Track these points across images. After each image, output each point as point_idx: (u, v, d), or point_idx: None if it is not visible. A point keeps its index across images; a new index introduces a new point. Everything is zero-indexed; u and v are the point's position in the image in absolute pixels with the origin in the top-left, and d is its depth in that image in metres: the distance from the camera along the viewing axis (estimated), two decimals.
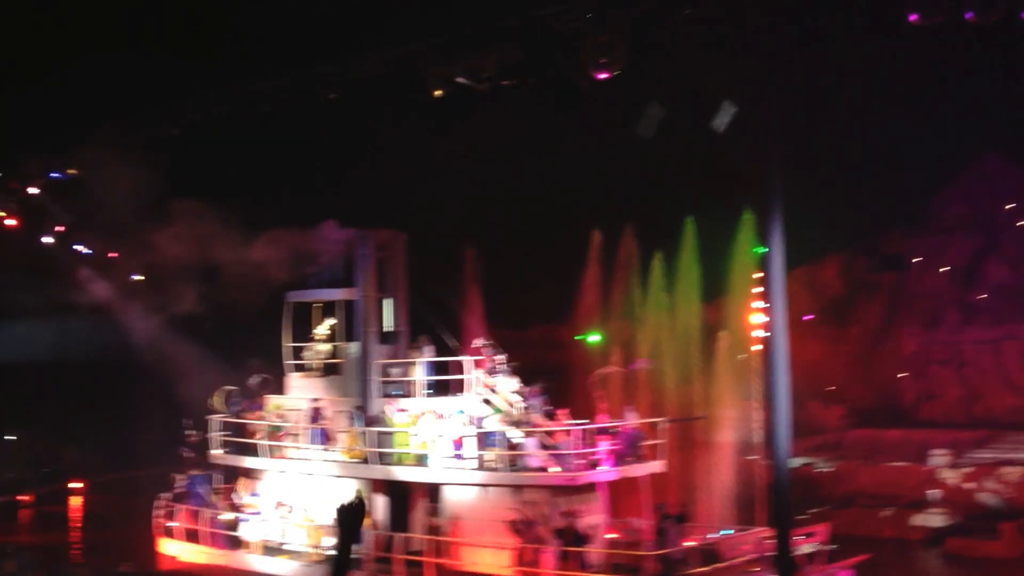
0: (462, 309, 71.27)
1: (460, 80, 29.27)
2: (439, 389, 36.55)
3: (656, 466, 34.05)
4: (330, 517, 34.23)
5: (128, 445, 71.46)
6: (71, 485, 70.78)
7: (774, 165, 30.82)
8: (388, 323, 39.12)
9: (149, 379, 65.06)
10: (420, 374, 36.76)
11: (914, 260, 65.85)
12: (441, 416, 34.75)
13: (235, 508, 38.88)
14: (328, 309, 39.19)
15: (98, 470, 75.00)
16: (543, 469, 32.49)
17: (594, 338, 61.19)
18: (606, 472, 32.77)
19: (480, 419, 34.37)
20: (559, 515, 31.72)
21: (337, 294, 38.46)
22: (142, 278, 48.69)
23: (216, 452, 40.28)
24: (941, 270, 64.52)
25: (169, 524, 40.02)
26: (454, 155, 66.54)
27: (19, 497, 67.92)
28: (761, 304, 47.97)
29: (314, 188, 65.91)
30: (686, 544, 31.27)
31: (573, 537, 31.19)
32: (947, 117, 58.21)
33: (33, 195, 41.24)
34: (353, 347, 37.78)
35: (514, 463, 32.87)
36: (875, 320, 67.69)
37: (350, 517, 32.57)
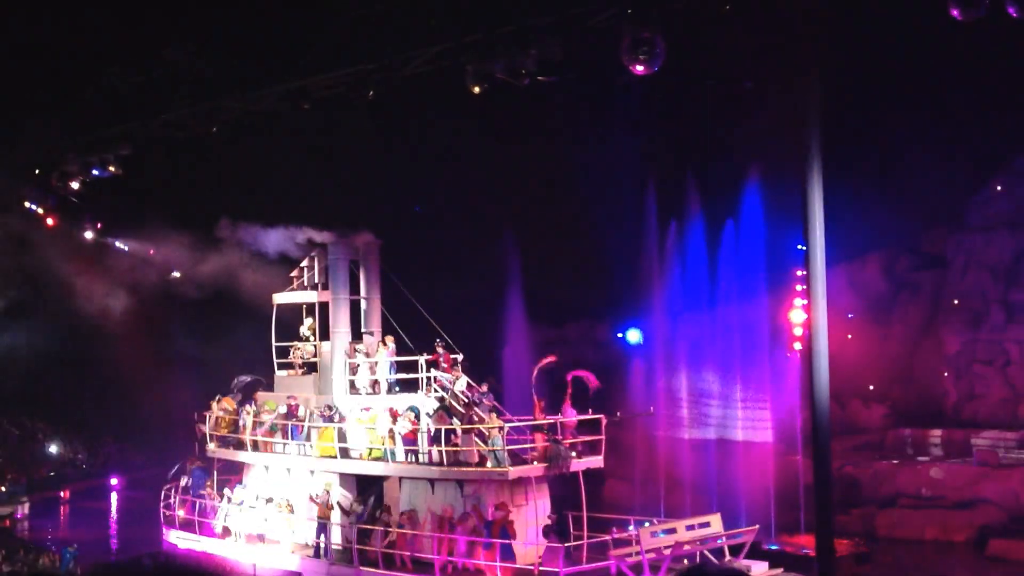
0: (498, 307, 71.73)
1: (499, 76, 29.14)
2: (406, 387, 37.96)
3: (594, 462, 35.14)
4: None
5: (164, 442, 71.84)
6: (109, 481, 71.26)
7: (815, 162, 30.57)
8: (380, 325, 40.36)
9: (183, 376, 65.48)
10: (384, 373, 38.14)
11: (955, 258, 65.37)
12: (396, 413, 35.91)
13: (227, 500, 40.28)
14: (311, 311, 40.51)
15: (135, 467, 75.41)
16: (483, 464, 33.69)
17: (634, 335, 61.12)
18: (536, 468, 33.67)
19: (428, 416, 35.69)
20: (492, 508, 32.94)
21: (313, 296, 40.02)
22: (179, 275, 49.13)
23: (211, 447, 41.50)
24: (984, 268, 63.96)
25: (171, 515, 41.59)
26: (495, 152, 66.71)
27: (57, 493, 68.36)
28: (802, 302, 47.95)
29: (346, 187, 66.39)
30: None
31: (501, 529, 32.32)
32: (988, 114, 57.82)
33: (73, 192, 41.36)
34: (326, 347, 39.27)
35: (456, 458, 34.11)
36: (917, 319, 67.23)
37: None
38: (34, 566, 41.25)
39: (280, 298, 41.12)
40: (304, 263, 40.81)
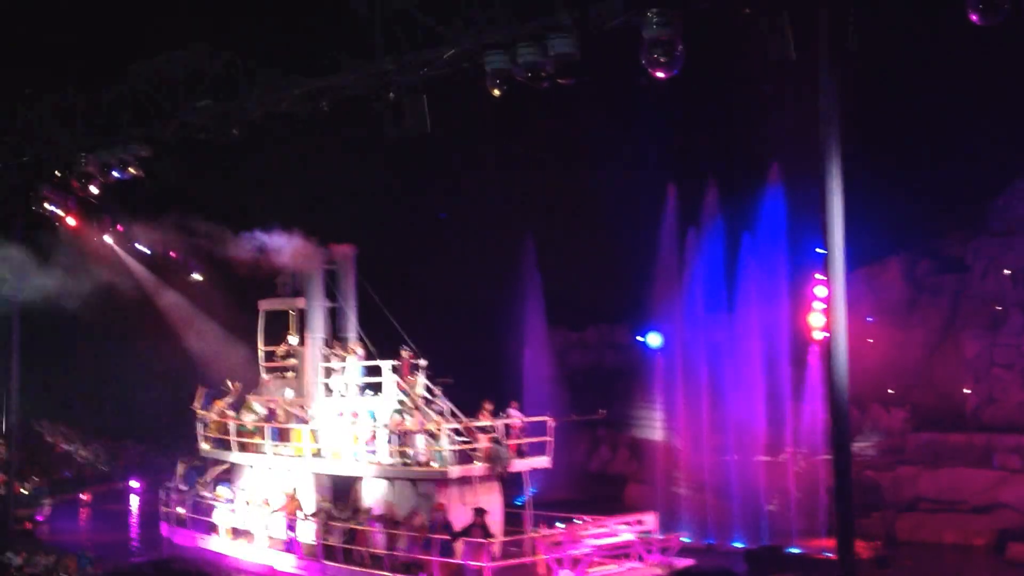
0: (518, 310, 71.74)
1: (519, 79, 29.17)
2: (377, 390, 39.73)
3: (541, 462, 36.93)
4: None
5: (185, 445, 72.02)
6: (129, 484, 71.41)
7: (835, 164, 30.52)
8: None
9: (204, 379, 65.69)
10: (353, 376, 40.10)
11: (976, 262, 65.10)
12: (356, 415, 38.33)
13: (215, 497, 42.77)
14: (294, 316, 42.35)
15: (156, 469, 75.49)
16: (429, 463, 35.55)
17: (654, 339, 61.06)
18: (476, 468, 35.48)
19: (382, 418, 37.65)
20: (433, 506, 34.60)
21: (292, 303, 42.02)
22: (201, 278, 49.46)
23: (203, 446, 44.00)
24: (1004, 272, 63.72)
25: (167, 511, 44.47)
26: (514, 155, 66.68)
27: (78, 496, 68.51)
28: (822, 306, 47.89)
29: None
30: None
31: (442, 527, 33.84)
32: (1010, 118, 57.62)
33: (93, 194, 41.60)
34: (305, 351, 41.04)
35: (405, 458, 36.03)
36: (937, 323, 66.92)
37: None
38: (54, 569, 41.54)
39: (266, 304, 43.12)
40: (288, 269, 42.34)
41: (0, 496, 52.76)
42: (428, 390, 38.09)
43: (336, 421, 38.95)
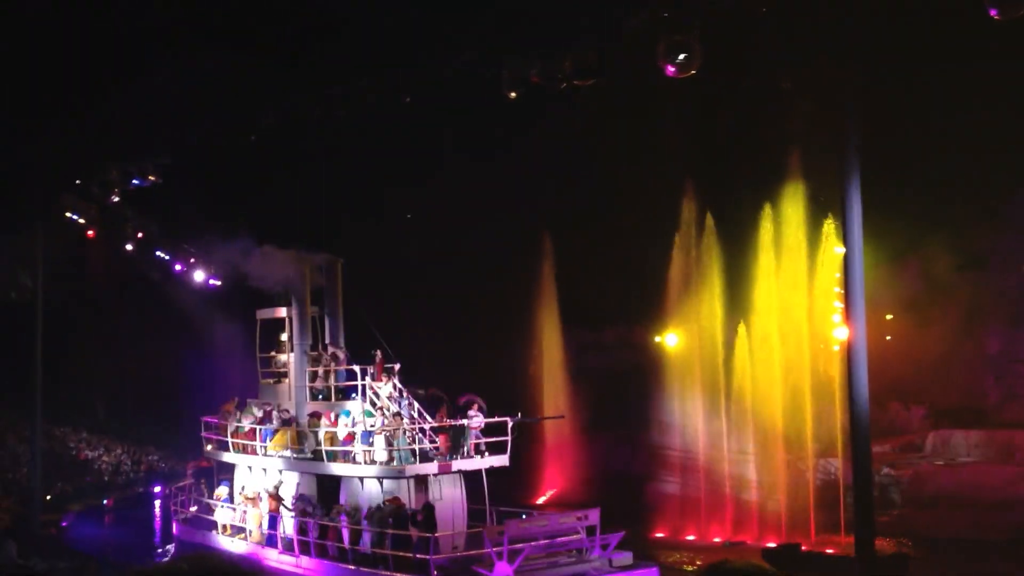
0: (535, 311, 71.73)
1: (535, 81, 29.30)
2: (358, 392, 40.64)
3: (499, 461, 37.74)
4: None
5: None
6: (152, 489, 71.60)
7: (853, 161, 30.62)
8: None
9: (224, 386, 66.00)
10: (334, 380, 41.23)
11: (995, 258, 64.91)
12: (331, 416, 39.68)
13: (216, 496, 44.47)
14: (288, 324, 43.52)
15: (178, 475, 75.74)
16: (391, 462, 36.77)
17: (673, 340, 60.97)
18: (431, 465, 36.65)
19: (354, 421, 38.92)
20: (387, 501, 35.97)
21: (282, 312, 43.23)
22: (219, 283, 49.75)
23: (207, 448, 46.04)
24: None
25: (176, 511, 46.74)
26: (531, 155, 66.68)
27: (102, 501, 68.71)
28: (841, 304, 47.82)
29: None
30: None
31: (397, 521, 35.18)
32: None
33: (114, 203, 41.92)
34: (292, 357, 42.64)
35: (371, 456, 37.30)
36: (956, 319, 66.71)
37: None
38: (78, 572, 42.02)
39: (262, 313, 44.50)
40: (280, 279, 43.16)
41: (26, 501, 53.20)
42: (399, 392, 39.37)
43: (320, 423, 40.38)
